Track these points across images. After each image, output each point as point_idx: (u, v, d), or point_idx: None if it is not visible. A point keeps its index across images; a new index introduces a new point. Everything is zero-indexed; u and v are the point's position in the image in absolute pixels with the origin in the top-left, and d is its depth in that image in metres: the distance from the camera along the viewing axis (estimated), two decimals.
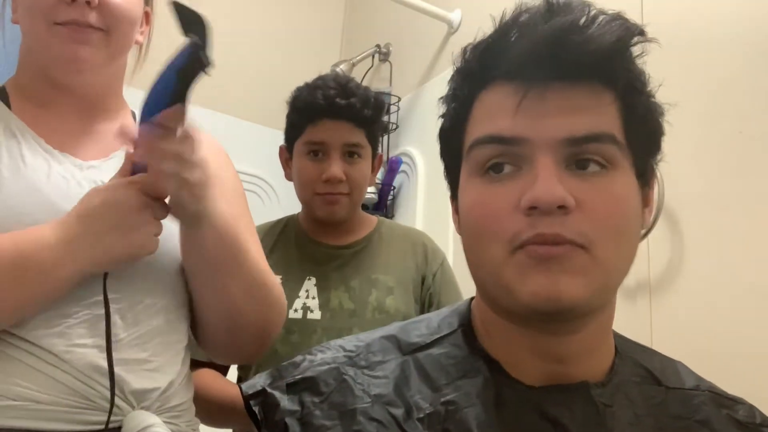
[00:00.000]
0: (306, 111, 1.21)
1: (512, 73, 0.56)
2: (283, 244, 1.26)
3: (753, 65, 1.23)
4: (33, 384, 0.70)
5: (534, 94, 0.54)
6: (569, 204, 0.52)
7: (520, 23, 0.56)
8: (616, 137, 0.55)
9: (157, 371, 0.78)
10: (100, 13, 0.82)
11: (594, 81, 0.55)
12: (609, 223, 0.54)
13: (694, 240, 1.27)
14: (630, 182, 0.56)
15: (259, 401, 0.59)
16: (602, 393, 0.57)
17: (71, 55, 0.82)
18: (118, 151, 0.86)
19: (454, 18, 2.08)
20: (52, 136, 0.82)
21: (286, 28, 2.54)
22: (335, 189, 1.20)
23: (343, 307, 1.17)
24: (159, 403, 0.77)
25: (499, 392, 0.57)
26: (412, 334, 0.63)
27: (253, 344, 0.90)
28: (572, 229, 0.52)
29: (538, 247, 0.52)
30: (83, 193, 0.76)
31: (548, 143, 0.54)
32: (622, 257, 0.56)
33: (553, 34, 0.53)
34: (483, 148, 0.56)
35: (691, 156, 1.28)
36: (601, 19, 0.55)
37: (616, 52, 0.55)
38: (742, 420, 0.61)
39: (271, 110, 2.37)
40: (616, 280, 0.56)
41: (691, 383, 0.63)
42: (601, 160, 0.54)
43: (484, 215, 0.56)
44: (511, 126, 0.55)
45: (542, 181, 0.52)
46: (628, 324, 1.30)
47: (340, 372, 0.59)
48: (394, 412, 0.55)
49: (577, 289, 0.52)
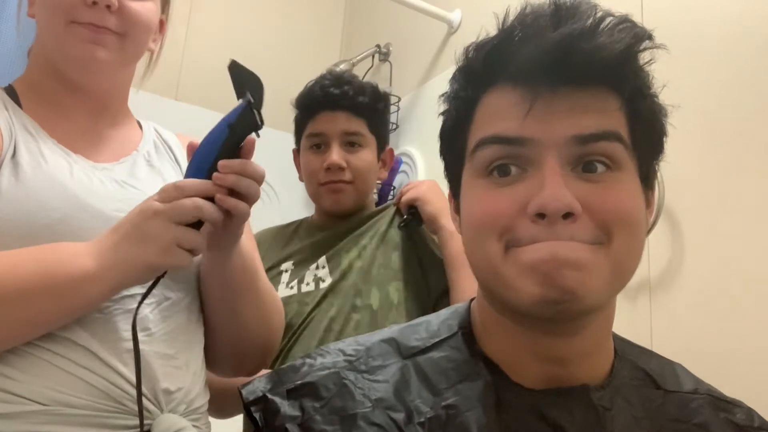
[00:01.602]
0: (305, 106, 1.26)
1: (520, 77, 0.56)
2: (296, 237, 1.30)
3: (753, 65, 1.23)
4: (64, 387, 0.69)
5: (542, 98, 0.54)
6: (576, 211, 0.53)
7: (526, 25, 0.56)
8: (623, 136, 0.55)
9: (181, 369, 0.79)
10: (118, 17, 0.83)
11: (601, 86, 0.56)
12: (618, 222, 0.54)
13: (694, 240, 1.27)
14: (635, 183, 0.57)
15: (259, 408, 0.59)
16: (602, 396, 0.58)
17: (88, 55, 0.82)
18: (128, 155, 0.87)
19: (454, 18, 2.08)
20: (63, 137, 0.82)
21: (286, 29, 2.54)
22: (337, 176, 1.22)
23: (353, 267, 1.19)
24: (185, 405, 0.78)
25: (499, 396, 0.57)
26: (411, 338, 0.63)
27: (255, 359, 0.93)
28: (582, 236, 0.53)
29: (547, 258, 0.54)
30: (106, 190, 0.79)
31: (556, 143, 0.54)
32: (633, 255, 0.56)
33: (562, 41, 0.53)
34: (488, 148, 0.56)
35: (692, 156, 1.28)
36: (609, 23, 0.54)
37: (625, 60, 0.55)
38: (741, 423, 0.61)
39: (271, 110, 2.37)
40: (626, 278, 0.57)
41: (689, 386, 0.63)
42: (608, 161, 0.55)
43: (488, 216, 0.56)
44: (517, 127, 0.55)
45: (550, 186, 0.53)
46: (628, 324, 1.31)
47: (341, 377, 0.59)
48: (394, 416, 0.55)
49: (592, 283, 0.53)
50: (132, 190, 0.82)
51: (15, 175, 0.74)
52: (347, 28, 2.71)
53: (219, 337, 0.88)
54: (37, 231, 0.72)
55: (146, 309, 0.77)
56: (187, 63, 2.20)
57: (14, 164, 0.75)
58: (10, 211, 0.72)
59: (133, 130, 0.93)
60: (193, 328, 0.84)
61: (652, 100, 0.59)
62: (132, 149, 0.89)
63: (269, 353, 0.95)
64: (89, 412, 0.69)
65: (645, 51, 0.56)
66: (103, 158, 0.85)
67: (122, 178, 0.83)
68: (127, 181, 0.83)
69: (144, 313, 0.76)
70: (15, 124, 0.79)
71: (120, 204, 0.79)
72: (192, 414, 0.79)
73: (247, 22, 2.45)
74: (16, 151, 0.76)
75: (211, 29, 2.34)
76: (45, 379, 0.69)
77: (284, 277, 1.22)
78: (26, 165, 0.75)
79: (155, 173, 0.88)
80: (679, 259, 1.29)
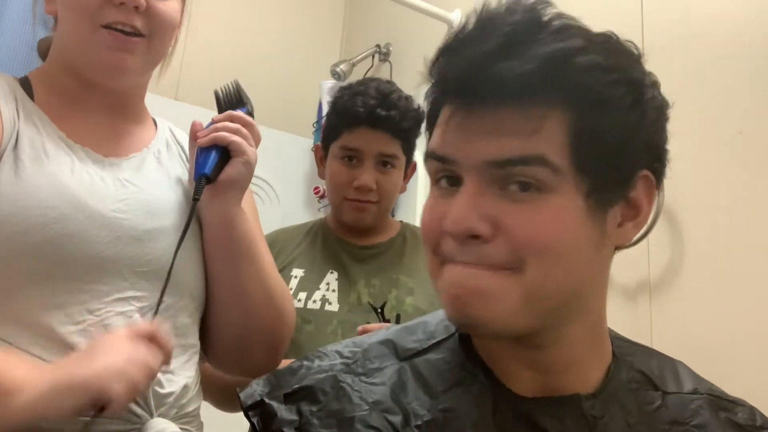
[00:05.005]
0: (344, 116, 1.21)
1: (446, 92, 0.56)
2: (310, 241, 1.28)
3: (753, 65, 1.23)
4: None
5: (464, 116, 0.54)
6: (481, 233, 0.52)
7: (457, 40, 0.55)
8: (548, 159, 0.51)
9: (174, 373, 0.79)
10: (145, 18, 0.82)
11: (525, 103, 0.52)
12: (530, 250, 0.52)
13: (694, 240, 1.27)
14: (569, 208, 0.52)
15: (257, 412, 0.59)
16: (594, 404, 0.57)
17: (116, 63, 0.82)
18: (138, 152, 0.87)
19: (454, 18, 2.08)
20: (74, 131, 0.82)
21: (286, 29, 2.54)
22: (364, 197, 1.21)
23: (362, 301, 1.18)
24: (176, 410, 0.78)
25: (495, 401, 0.57)
26: (408, 339, 0.63)
27: (263, 354, 0.91)
28: (493, 259, 0.52)
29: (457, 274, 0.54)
30: (106, 189, 0.78)
31: (474, 164, 0.53)
32: (553, 284, 0.53)
33: (471, 62, 0.52)
34: (429, 161, 0.57)
35: (692, 156, 1.28)
36: (531, 38, 0.52)
37: (549, 73, 0.51)
38: (742, 423, 0.60)
39: (272, 110, 2.38)
40: (550, 303, 0.54)
41: (689, 386, 0.62)
42: (532, 181, 0.52)
43: (425, 228, 0.57)
44: (443, 145, 0.56)
45: (455, 207, 0.53)
46: (628, 324, 1.30)
47: (338, 380, 0.59)
48: (391, 419, 0.55)
49: (497, 311, 0.52)
50: (133, 189, 0.82)
51: (15, 170, 0.73)
52: (347, 28, 2.71)
53: (222, 315, 0.88)
54: (32, 227, 0.71)
55: (136, 313, 0.76)
56: (187, 63, 2.20)
57: (15, 157, 0.74)
58: (7, 207, 0.71)
59: (148, 128, 0.93)
60: (187, 331, 0.83)
61: (612, 114, 0.53)
62: (143, 146, 0.89)
63: (277, 343, 0.91)
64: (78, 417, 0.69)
65: (584, 61, 0.52)
66: (114, 153, 0.84)
67: (126, 176, 0.82)
68: (130, 179, 0.83)
69: (134, 318, 0.76)
70: (21, 115, 0.78)
71: (119, 204, 0.78)
72: (183, 418, 0.79)
73: (247, 22, 2.45)
74: (18, 143, 0.75)
75: (211, 29, 2.33)
76: None
77: (292, 283, 1.21)
78: (27, 160, 0.75)
79: (162, 171, 0.88)
80: (679, 259, 1.29)
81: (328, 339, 1.13)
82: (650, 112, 0.56)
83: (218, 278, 0.87)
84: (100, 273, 0.75)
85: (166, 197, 0.85)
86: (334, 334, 1.15)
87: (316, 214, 2.23)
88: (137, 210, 0.80)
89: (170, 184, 0.87)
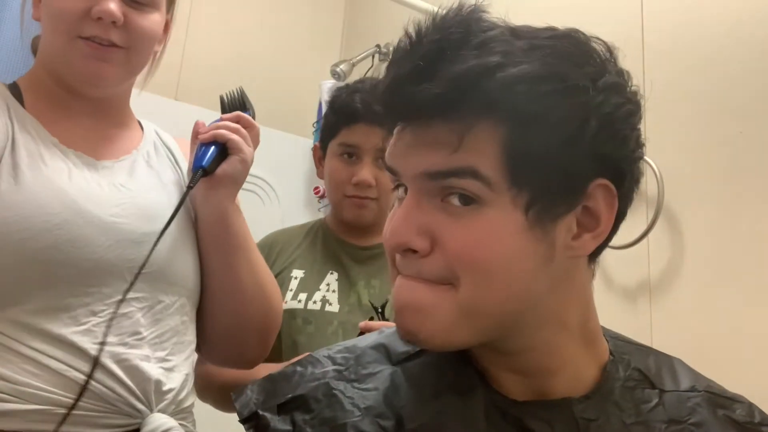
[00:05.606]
0: (342, 113, 1.22)
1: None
2: (310, 241, 1.29)
3: (753, 65, 1.23)
4: (58, 388, 0.71)
5: (404, 129, 0.55)
6: (416, 247, 0.52)
7: (391, 59, 0.56)
8: (480, 172, 0.51)
9: (172, 370, 0.80)
10: (123, 32, 0.83)
11: (450, 117, 0.51)
12: (461, 266, 0.51)
13: (694, 240, 1.27)
14: (505, 222, 0.51)
15: (252, 425, 0.60)
16: (585, 408, 0.57)
17: (93, 72, 0.83)
18: (128, 155, 0.89)
19: None
20: (65, 136, 0.83)
21: (286, 28, 2.54)
22: (364, 193, 1.21)
23: (362, 302, 1.18)
24: (174, 406, 0.80)
25: (486, 405, 0.57)
26: (400, 343, 0.63)
27: (255, 345, 0.94)
28: (429, 273, 0.53)
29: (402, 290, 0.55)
30: (103, 194, 0.80)
31: (412, 176, 0.54)
32: (489, 300, 0.52)
33: (390, 84, 0.54)
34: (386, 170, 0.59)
35: (692, 156, 1.28)
36: (457, 55, 0.51)
37: (462, 92, 0.50)
38: (740, 420, 0.60)
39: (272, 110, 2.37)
40: (489, 319, 0.53)
41: (686, 384, 0.62)
42: (469, 194, 0.51)
43: (383, 236, 0.57)
44: (389, 156, 0.57)
45: (393, 221, 0.54)
46: (628, 324, 1.30)
47: (330, 387, 0.59)
48: (384, 424, 0.55)
49: (432, 327, 0.53)
50: (127, 193, 0.83)
51: (14, 177, 0.74)
52: (347, 28, 2.71)
53: (219, 309, 0.90)
54: (37, 234, 0.73)
55: (138, 313, 0.78)
56: (187, 63, 2.20)
57: (13, 165, 0.75)
58: (10, 214, 0.72)
59: (135, 130, 0.94)
60: (184, 329, 0.85)
61: (545, 127, 0.51)
62: (132, 148, 0.90)
63: (267, 333, 0.95)
64: (81, 412, 0.71)
65: (497, 81, 0.50)
66: (105, 156, 0.86)
67: (120, 181, 0.84)
68: (124, 183, 0.84)
69: (136, 317, 0.78)
70: (15, 123, 0.79)
71: (116, 209, 0.80)
72: (181, 413, 0.81)
73: (247, 22, 2.45)
74: (14, 150, 0.76)
75: (211, 29, 2.33)
76: (41, 380, 0.71)
77: (292, 284, 1.21)
78: (25, 167, 0.76)
79: (153, 173, 0.90)
80: (679, 259, 1.29)
81: (329, 340, 1.13)
82: (597, 119, 0.52)
83: (213, 272, 0.89)
84: (102, 276, 0.77)
85: (160, 200, 0.86)
86: (335, 335, 1.15)
87: (316, 214, 2.23)
88: (134, 214, 0.81)
89: (162, 186, 0.89)
